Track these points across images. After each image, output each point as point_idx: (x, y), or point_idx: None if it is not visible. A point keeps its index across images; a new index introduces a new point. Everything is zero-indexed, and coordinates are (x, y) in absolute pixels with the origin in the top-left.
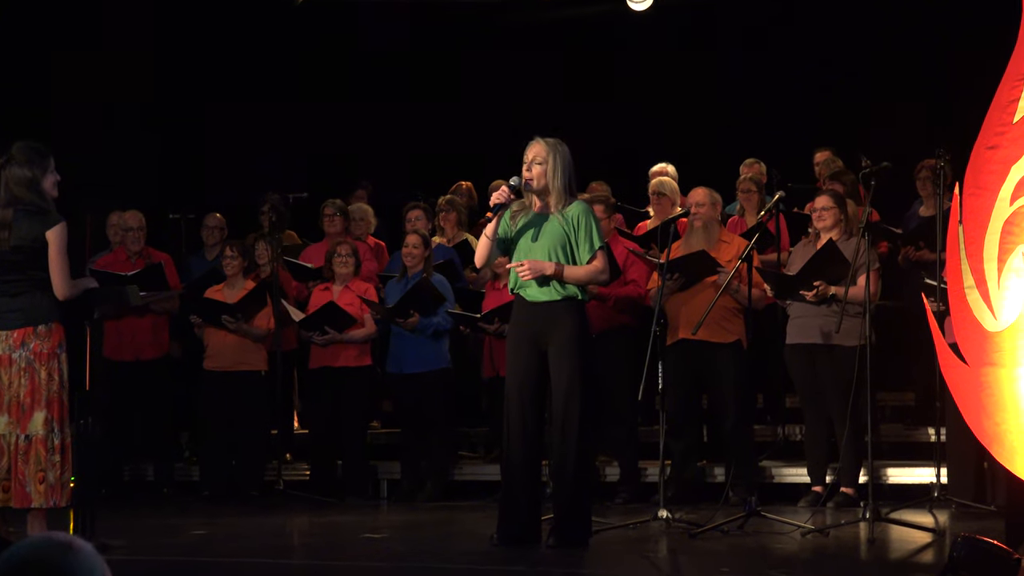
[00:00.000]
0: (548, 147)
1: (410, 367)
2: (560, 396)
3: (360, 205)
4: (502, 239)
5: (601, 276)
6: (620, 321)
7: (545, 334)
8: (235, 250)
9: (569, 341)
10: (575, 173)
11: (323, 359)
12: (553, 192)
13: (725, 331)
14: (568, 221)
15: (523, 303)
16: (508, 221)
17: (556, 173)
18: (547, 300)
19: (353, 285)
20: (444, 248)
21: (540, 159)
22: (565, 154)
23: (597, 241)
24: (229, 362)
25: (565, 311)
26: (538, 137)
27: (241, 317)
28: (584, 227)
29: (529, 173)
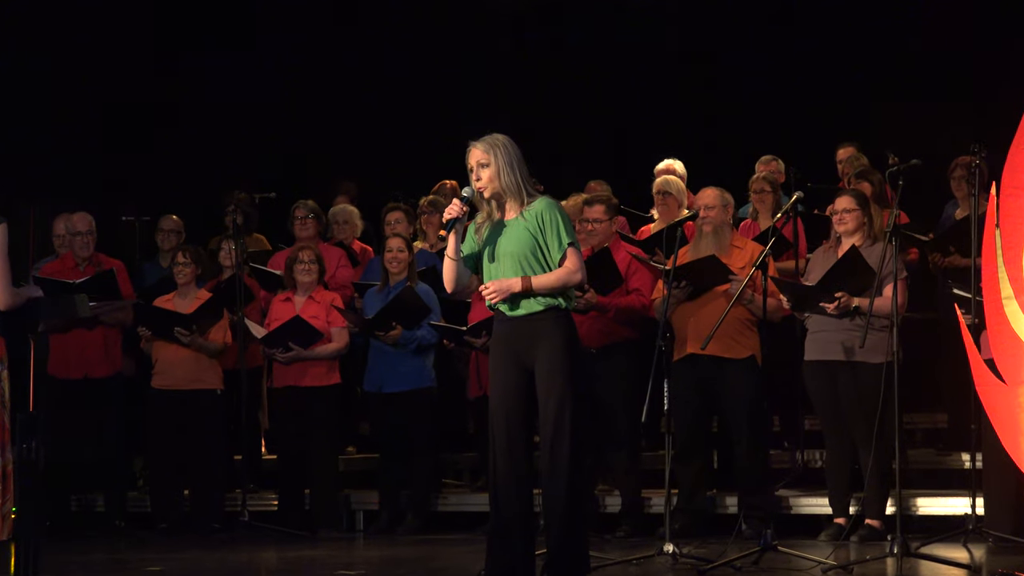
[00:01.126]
0: (487, 147)
1: (390, 385)
2: (549, 418)
3: (344, 207)
4: (469, 256)
5: (575, 277)
6: (622, 335)
7: (529, 350)
8: (188, 256)
9: (556, 356)
10: (524, 166)
11: (288, 378)
12: (508, 194)
13: (737, 345)
14: (532, 222)
15: (503, 318)
16: (473, 235)
17: (503, 173)
18: (527, 313)
19: (317, 295)
20: (427, 254)
21: (484, 162)
22: (509, 149)
23: (566, 237)
24: (181, 380)
25: (549, 323)
26: (473, 141)
27: (195, 329)
28: (550, 224)
29: (479, 182)
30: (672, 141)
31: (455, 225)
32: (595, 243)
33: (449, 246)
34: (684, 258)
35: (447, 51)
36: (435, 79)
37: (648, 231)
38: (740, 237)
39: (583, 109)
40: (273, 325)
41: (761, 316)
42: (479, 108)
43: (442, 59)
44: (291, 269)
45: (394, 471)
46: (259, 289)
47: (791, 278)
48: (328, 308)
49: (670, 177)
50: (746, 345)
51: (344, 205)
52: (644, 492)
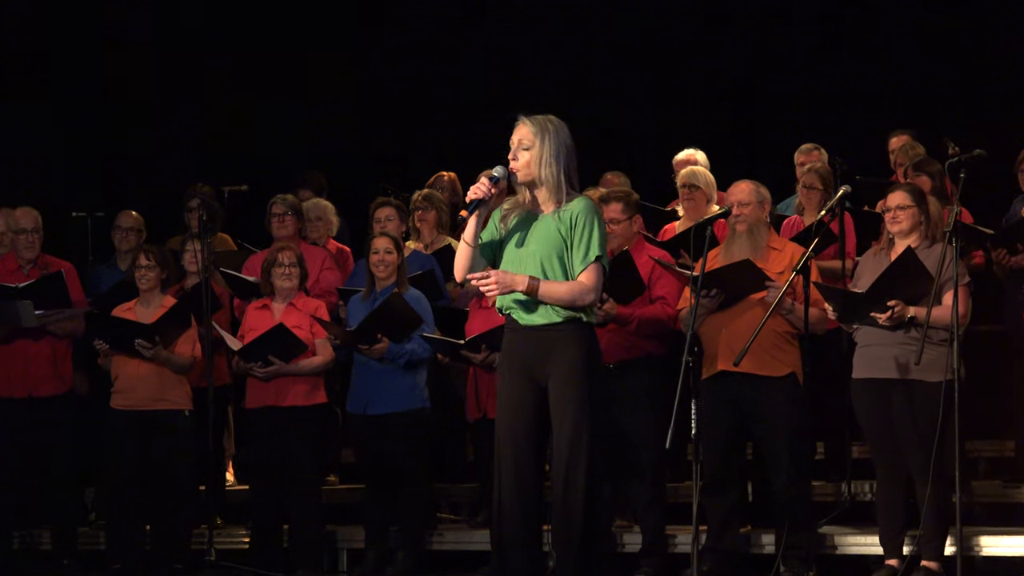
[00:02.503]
0: (537, 127)
1: (377, 406)
2: (563, 443)
3: (317, 202)
4: (487, 245)
5: (585, 296)
6: (644, 349)
7: (543, 366)
8: (151, 258)
9: (574, 374)
10: (576, 160)
11: (265, 397)
12: (544, 185)
13: (775, 362)
14: (565, 222)
15: (515, 327)
16: (498, 222)
17: (547, 160)
18: (545, 323)
19: (299, 302)
20: (421, 255)
21: (527, 143)
22: (562, 136)
23: (595, 250)
24: (144, 399)
25: (568, 336)
26: (524, 116)
27: (159, 341)
28: (582, 229)
29: (515, 162)
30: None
31: (479, 207)
32: (613, 246)
33: (468, 229)
34: (714, 262)
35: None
36: (433, 58)
37: (672, 230)
38: (778, 238)
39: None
40: (249, 336)
41: (802, 328)
42: (480, 87)
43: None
44: (269, 273)
45: (382, 504)
46: (228, 296)
47: (837, 284)
48: (311, 317)
49: (696, 168)
50: (785, 361)
51: (316, 200)
52: (668, 529)
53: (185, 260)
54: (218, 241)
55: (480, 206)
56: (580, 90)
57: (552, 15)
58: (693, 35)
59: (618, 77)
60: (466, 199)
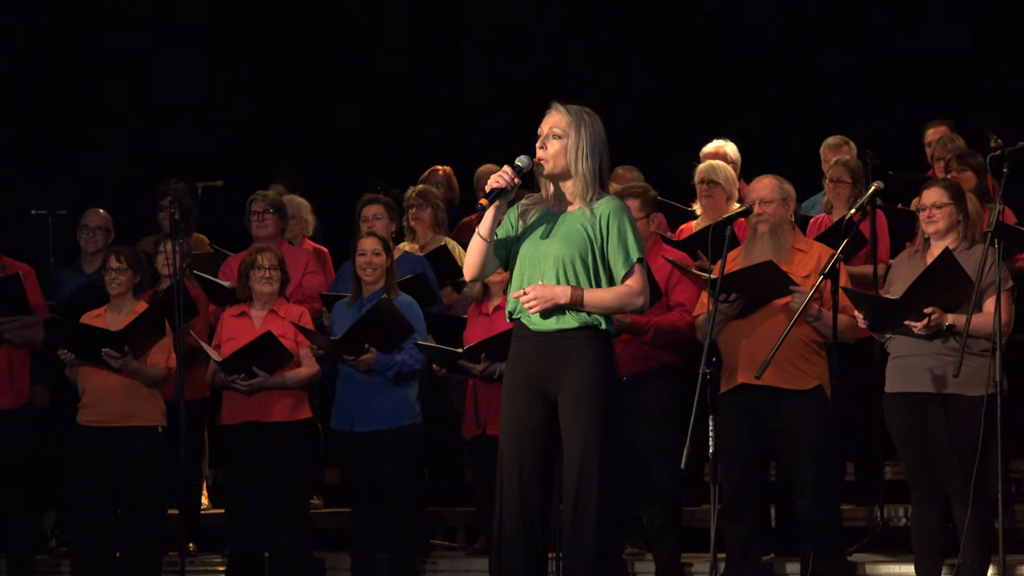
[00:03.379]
0: (571, 117)
1: (365, 423)
2: (574, 463)
3: (291, 198)
4: (501, 242)
5: (636, 300)
6: (660, 360)
7: (554, 377)
8: (123, 260)
9: (588, 387)
10: (607, 158)
11: (245, 412)
12: (576, 179)
13: (801, 374)
14: (595, 223)
15: (525, 333)
16: (515, 218)
17: (584, 153)
18: (558, 329)
19: (281, 308)
20: (412, 257)
21: (559, 132)
22: (595, 130)
23: (635, 252)
24: (113, 414)
25: (583, 345)
26: (557, 103)
27: (130, 351)
28: (618, 232)
29: (543, 151)
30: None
31: (499, 198)
32: None
33: (484, 222)
34: (734, 264)
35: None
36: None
37: (689, 229)
38: (804, 238)
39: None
40: (228, 346)
41: (830, 337)
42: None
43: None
44: (247, 276)
45: (370, 529)
46: (206, 301)
47: (869, 289)
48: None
49: (717, 163)
50: (812, 373)
51: (290, 196)
52: (684, 556)
53: (158, 263)
54: (194, 242)
55: (501, 197)
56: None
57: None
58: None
59: (628, 62)
60: (486, 188)
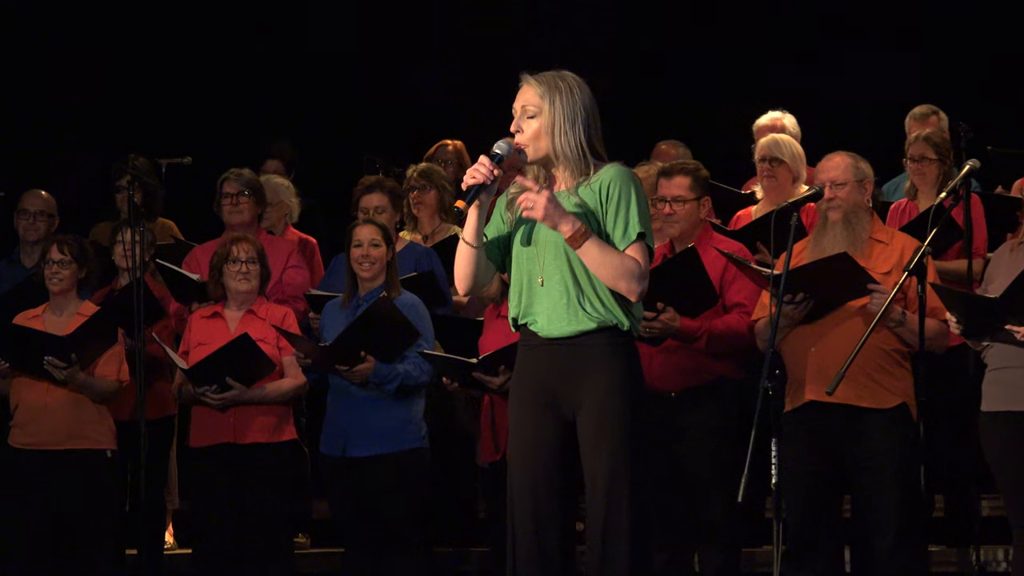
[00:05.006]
0: (544, 89)
1: (360, 446)
2: (599, 495)
3: (268, 179)
4: (494, 243)
5: (635, 284)
6: (715, 372)
7: (571, 391)
8: (66, 251)
9: (611, 402)
10: (599, 123)
11: (219, 432)
12: (560, 161)
13: (881, 389)
14: (594, 197)
15: (533, 342)
16: (503, 212)
17: (560, 128)
18: (571, 334)
19: (260, 309)
20: (418, 249)
21: (532, 110)
22: (576, 97)
23: (636, 223)
24: (54, 435)
25: (602, 351)
26: (527, 75)
27: (76, 359)
28: (619, 201)
29: (519, 135)
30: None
31: (479, 195)
32: (675, 234)
33: (468, 226)
34: (801, 258)
35: None
36: None
37: (747, 217)
38: (884, 227)
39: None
40: (197, 353)
41: (916, 345)
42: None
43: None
44: (220, 271)
45: (365, 573)
46: (170, 300)
47: (962, 287)
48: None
49: (782, 137)
50: (894, 389)
51: (268, 177)
52: None
53: (116, 254)
54: (158, 230)
55: (480, 194)
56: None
57: None
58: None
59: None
60: (462, 187)
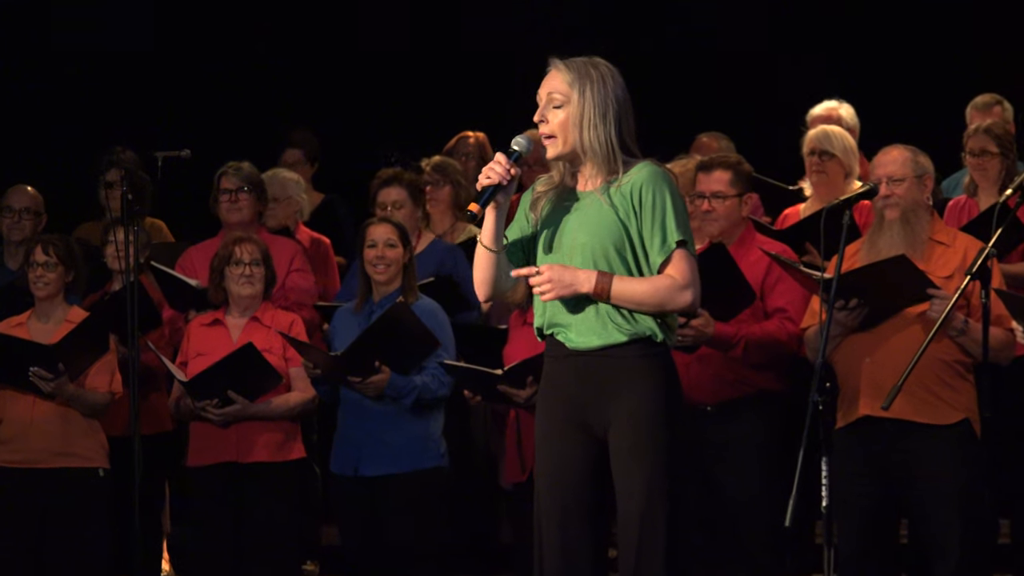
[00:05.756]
0: (573, 76)
1: (373, 465)
2: (632, 519)
3: (278, 172)
4: (516, 244)
5: (680, 296)
6: (756, 384)
7: (602, 407)
8: (52, 252)
9: (646, 418)
10: (629, 116)
11: (221, 450)
12: (589, 157)
13: (942, 404)
14: (625, 200)
15: (560, 353)
16: (527, 213)
17: (590, 121)
18: (602, 346)
19: (265, 316)
20: (441, 247)
21: (559, 99)
22: (608, 86)
23: (675, 231)
24: (41, 452)
25: (636, 366)
26: (556, 60)
27: (64, 370)
28: (654, 207)
29: (544, 126)
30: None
31: (496, 196)
32: (714, 233)
33: (485, 228)
34: (854, 260)
35: None
36: None
37: (795, 216)
38: (945, 228)
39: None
40: (196, 364)
41: (980, 356)
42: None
43: None
44: (221, 275)
45: None
46: (164, 304)
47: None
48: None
49: (832, 129)
50: (955, 403)
51: (275, 172)
52: None
53: (107, 255)
54: (147, 229)
55: (497, 195)
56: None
57: None
58: None
59: None
60: (477, 187)
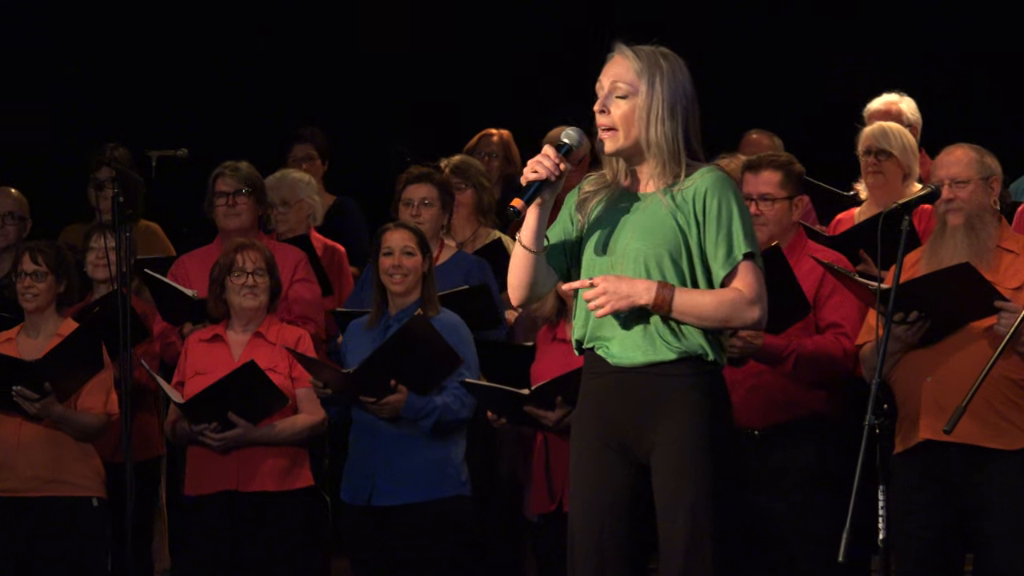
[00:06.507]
0: (641, 65)
1: (389, 494)
2: (676, 554)
3: (288, 173)
4: (559, 247)
5: (747, 313)
6: (807, 405)
7: (644, 430)
8: (41, 260)
9: (693, 445)
10: (696, 116)
11: (218, 478)
12: (652, 154)
13: (1011, 427)
14: (687, 207)
15: (601, 370)
16: (573, 214)
17: (658, 116)
18: (647, 363)
19: (271, 331)
20: (469, 260)
21: (624, 88)
22: (679, 79)
23: (742, 243)
24: (29, 480)
25: (684, 386)
26: (623, 46)
27: (50, 390)
28: (719, 216)
29: (604, 117)
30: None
31: (542, 192)
32: (761, 239)
33: (526, 227)
34: (914, 269)
35: None
36: None
37: (851, 219)
38: (1014, 234)
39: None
40: (195, 383)
41: None
42: None
43: None
44: (221, 285)
45: None
46: (154, 318)
47: None
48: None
49: (890, 126)
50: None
51: (284, 172)
52: None
53: (90, 262)
54: (141, 233)
55: (543, 191)
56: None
57: None
58: None
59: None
60: (521, 181)
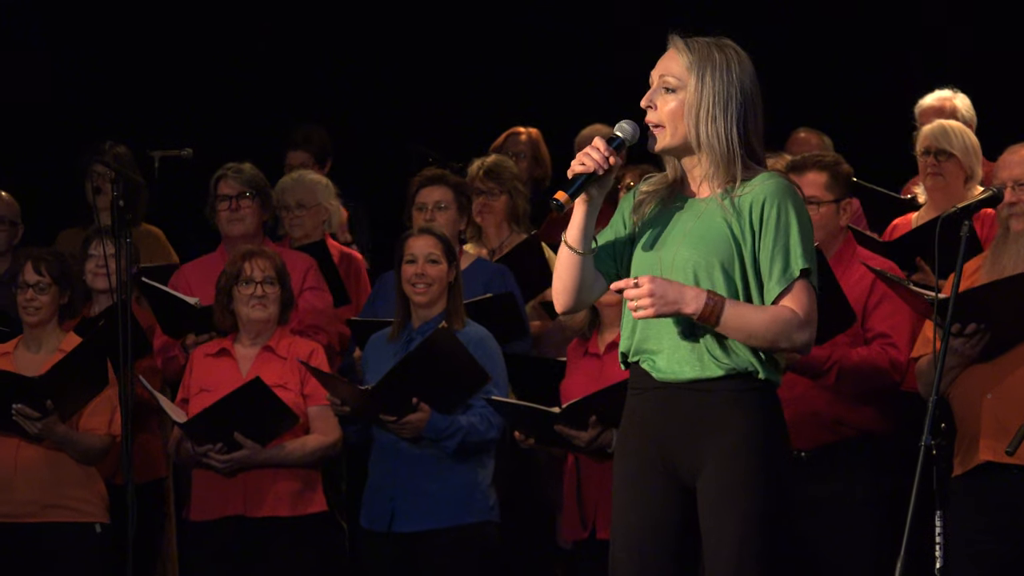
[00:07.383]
0: (695, 56)
1: (411, 520)
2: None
3: (304, 175)
4: (608, 249)
5: (799, 335)
6: (855, 424)
7: (692, 451)
8: (44, 270)
9: (742, 467)
10: (758, 114)
11: (224, 502)
12: (704, 153)
13: None
14: (743, 215)
15: (646, 385)
16: (627, 216)
17: (708, 112)
18: (693, 379)
19: (281, 344)
20: (490, 268)
21: (674, 81)
22: (736, 71)
23: (799, 258)
24: (28, 505)
25: (734, 404)
26: (677, 37)
27: (53, 408)
28: (775, 226)
29: (651, 112)
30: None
31: (588, 187)
32: None
33: (572, 226)
34: (974, 278)
35: None
36: None
37: (906, 226)
38: None
39: None
40: (200, 401)
41: None
42: None
43: None
44: (228, 295)
45: None
46: (155, 329)
47: None
48: (302, 369)
49: (952, 124)
50: None
51: (301, 173)
52: None
53: (89, 271)
54: (142, 238)
55: (590, 186)
56: None
57: None
58: None
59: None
60: (568, 174)
